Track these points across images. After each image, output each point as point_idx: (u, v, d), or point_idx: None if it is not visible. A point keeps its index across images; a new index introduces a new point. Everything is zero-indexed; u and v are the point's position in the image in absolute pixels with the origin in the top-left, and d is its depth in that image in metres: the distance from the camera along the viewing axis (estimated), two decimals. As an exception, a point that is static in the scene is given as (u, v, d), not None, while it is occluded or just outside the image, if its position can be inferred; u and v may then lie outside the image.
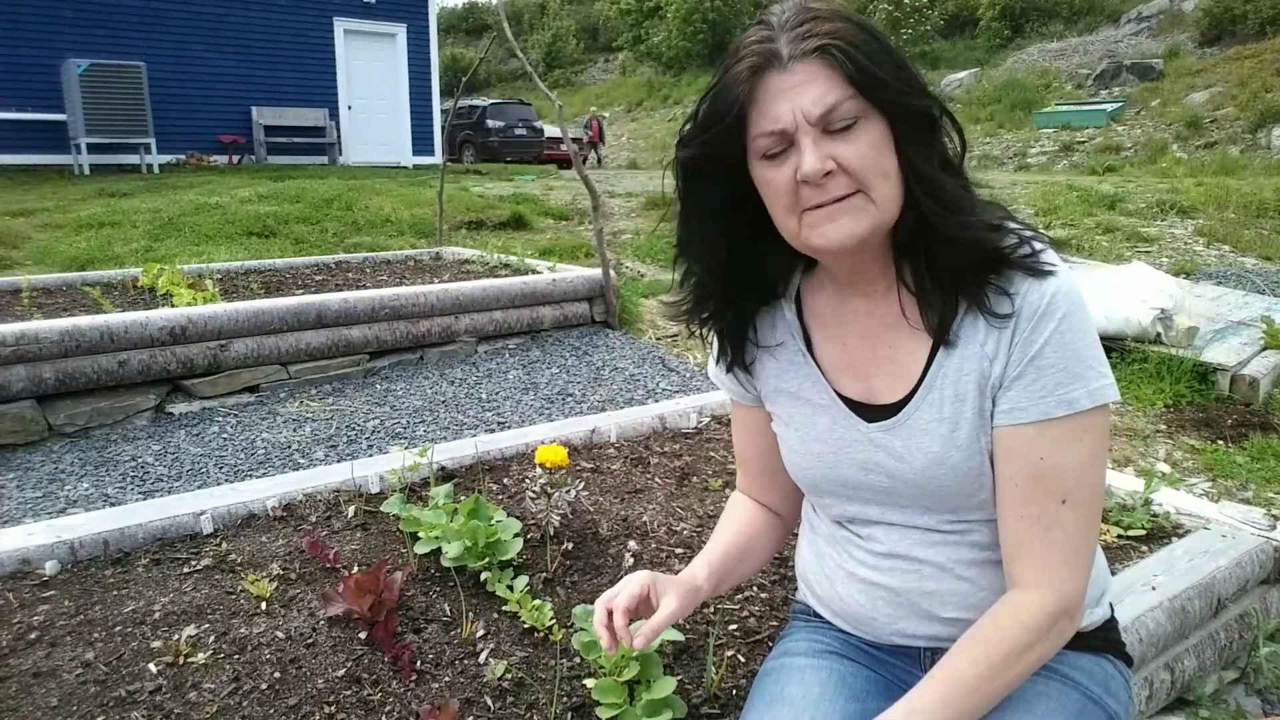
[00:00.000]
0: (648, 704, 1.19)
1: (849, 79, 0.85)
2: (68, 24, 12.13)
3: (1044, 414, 0.90)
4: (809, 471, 1.08)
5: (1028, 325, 0.90)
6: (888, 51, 0.88)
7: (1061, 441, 0.90)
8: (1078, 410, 0.89)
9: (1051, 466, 0.91)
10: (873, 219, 0.89)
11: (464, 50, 34.21)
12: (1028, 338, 0.90)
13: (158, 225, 7.53)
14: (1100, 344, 0.92)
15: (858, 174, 0.87)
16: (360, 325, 4.02)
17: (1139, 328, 3.95)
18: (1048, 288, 0.89)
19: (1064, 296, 0.89)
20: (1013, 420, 0.92)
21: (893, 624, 1.05)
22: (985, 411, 0.94)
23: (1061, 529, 0.91)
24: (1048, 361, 0.89)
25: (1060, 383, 0.89)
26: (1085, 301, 0.91)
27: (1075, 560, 0.92)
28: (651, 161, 20.33)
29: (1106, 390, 0.90)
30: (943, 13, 24.23)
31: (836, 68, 0.86)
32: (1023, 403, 0.91)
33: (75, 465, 3.02)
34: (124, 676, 1.34)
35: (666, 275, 6.91)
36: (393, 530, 1.85)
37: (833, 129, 0.87)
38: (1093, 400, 0.89)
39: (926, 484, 0.98)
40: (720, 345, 1.10)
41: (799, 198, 0.90)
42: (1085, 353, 0.90)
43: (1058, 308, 0.89)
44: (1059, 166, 14.25)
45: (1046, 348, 0.89)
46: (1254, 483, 2.97)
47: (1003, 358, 0.92)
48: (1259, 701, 1.76)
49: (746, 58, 0.89)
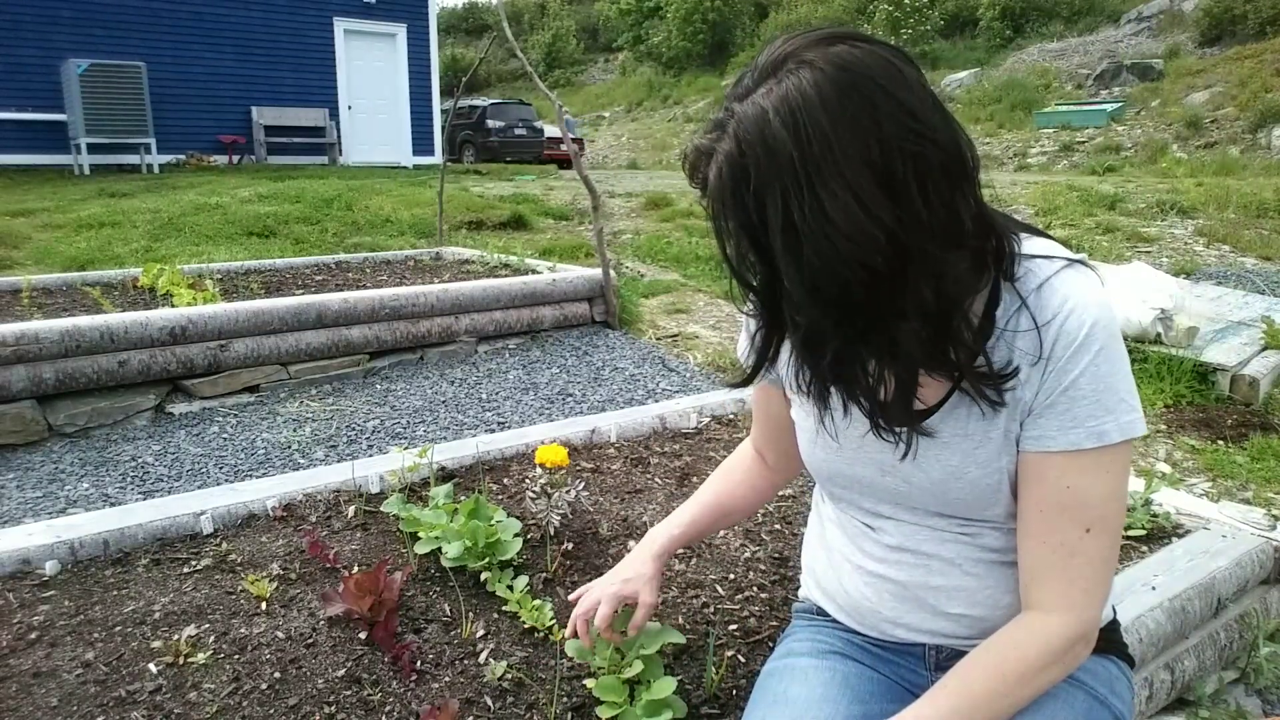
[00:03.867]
0: (648, 704, 1.19)
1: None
2: (68, 24, 12.14)
3: (1073, 444, 0.89)
4: (825, 465, 1.08)
5: (1063, 354, 0.88)
6: (775, 184, 0.76)
7: (1088, 472, 0.90)
8: (1107, 443, 0.89)
9: (1077, 495, 0.90)
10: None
11: (464, 50, 34.18)
12: (1062, 368, 0.88)
13: (158, 225, 7.54)
14: (1133, 377, 0.91)
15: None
16: (360, 325, 4.02)
17: (1139, 328, 3.95)
18: (1086, 318, 0.87)
19: (1102, 329, 0.88)
20: (1040, 448, 0.91)
21: (898, 618, 1.05)
22: (1011, 434, 0.93)
23: (1084, 557, 0.91)
24: (1081, 393, 0.88)
25: (1091, 415, 0.88)
26: (1120, 333, 0.89)
27: (1096, 588, 0.92)
28: (651, 162, 20.33)
29: (1136, 424, 0.89)
30: (943, 13, 24.21)
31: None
32: (1052, 431, 0.90)
33: (75, 465, 3.02)
34: (124, 676, 1.34)
35: (666, 275, 6.93)
36: (393, 530, 1.85)
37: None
38: (1122, 434, 0.88)
39: (942, 494, 0.98)
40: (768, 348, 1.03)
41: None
42: (1119, 386, 0.88)
43: (1095, 340, 0.87)
44: (1059, 166, 14.25)
45: (1081, 379, 0.88)
46: (1254, 483, 2.97)
47: (1034, 383, 0.90)
48: (1259, 701, 1.76)
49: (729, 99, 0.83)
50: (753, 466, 1.29)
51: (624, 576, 1.22)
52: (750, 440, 1.31)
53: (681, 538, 1.26)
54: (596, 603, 1.20)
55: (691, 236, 7.53)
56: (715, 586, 1.63)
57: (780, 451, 1.22)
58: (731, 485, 1.29)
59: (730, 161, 0.79)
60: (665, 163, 19.54)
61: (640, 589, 1.20)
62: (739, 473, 1.30)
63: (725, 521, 1.33)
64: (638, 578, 1.21)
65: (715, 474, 1.33)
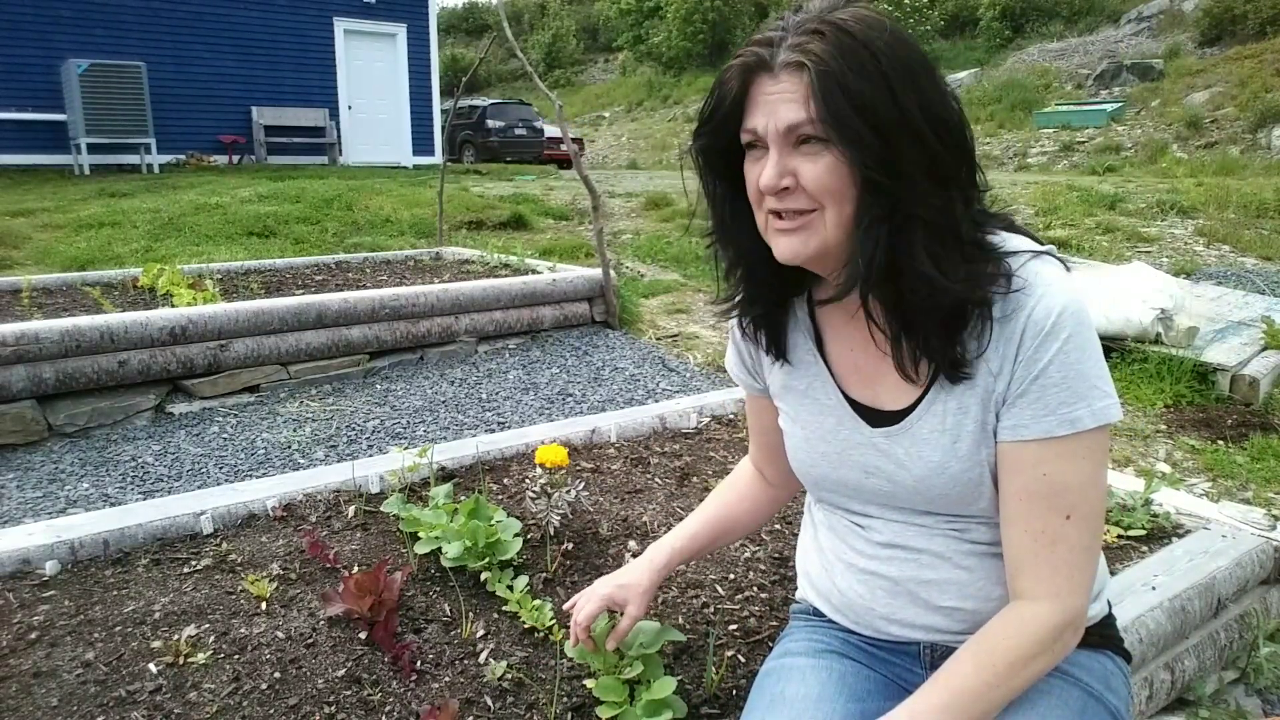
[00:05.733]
0: (648, 704, 1.19)
1: (814, 105, 0.85)
2: (68, 24, 12.13)
3: (1047, 432, 0.90)
4: (812, 470, 1.09)
5: (1032, 343, 0.89)
6: (879, 88, 0.84)
7: (1064, 458, 0.91)
8: (1081, 429, 0.89)
9: (1054, 483, 0.91)
10: (821, 240, 0.90)
11: (464, 50, 34.17)
12: (1032, 356, 0.89)
13: (158, 225, 7.54)
14: (1105, 363, 0.91)
15: (814, 194, 0.88)
16: (360, 325, 4.02)
17: (1139, 328, 3.95)
18: (1054, 306, 0.88)
19: (1070, 316, 0.88)
20: (1015, 436, 0.92)
21: (891, 614, 1.06)
22: (988, 425, 0.94)
23: (1066, 544, 0.92)
24: (1052, 380, 0.89)
25: (1064, 402, 0.89)
26: (1090, 319, 0.90)
27: (1080, 574, 0.93)
28: (651, 161, 20.33)
29: (1110, 410, 0.90)
30: (943, 13, 24.21)
31: (809, 90, 0.85)
32: (1026, 420, 0.91)
33: (75, 465, 3.02)
34: (124, 676, 1.34)
35: (666, 275, 6.93)
36: (393, 530, 1.85)
37: (800, 145, 0.88)
38: (1096, 420, 0.89)
39: (926, 491, 0.99)
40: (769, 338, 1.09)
41: (764, 199, 0.92)
42: (1090, 372, 0.89)
43: (1063, 327, 0.88)
44: (1059, 166, 14.25)
45: (1051, 367, 0.89)
46: (1254, 483, 2.97)
47: (1006, 374, 0.92)
48: (1259, 701, 1.76)
49: (742, 57, 0.89)
50: (753, 483, 1.30)
51: (619, 582, 1.22)
52: (750, 457, 1.31)
53: (684, 551, 1.26)
54: (588, 601, 1.22)
55: (691, 236, 7.52)
56: (715, 586, 1.63)
57: (779, 469, 1.22)
58: (733, 501, 1.30)
59: (860, 31, 0.85)
60: (665, 163, 19.54)
61: (630, 599, 1.20)
62: (740, 489, 1.30)
63: (726, 538, 1.33)
64: (632, 586, 1.21)
65: (717, 489, 1.33)
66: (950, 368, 0.93)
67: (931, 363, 0.94)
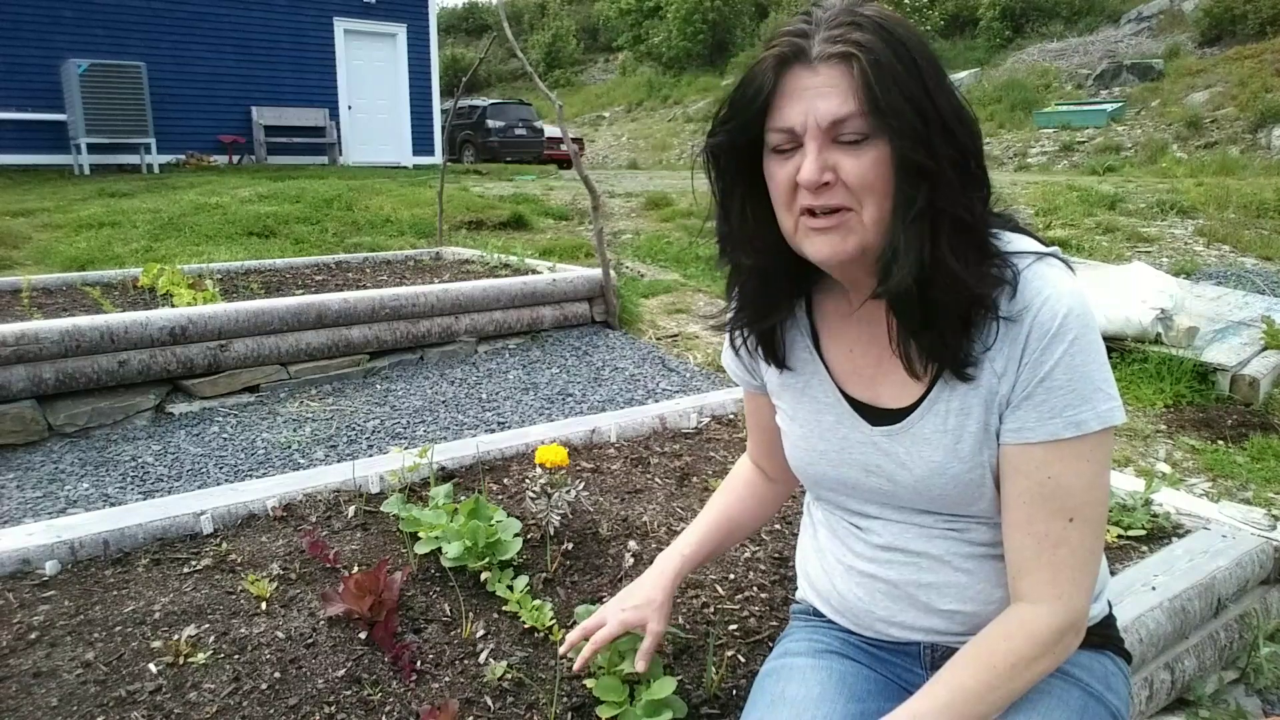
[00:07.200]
0: (648, 704, 1.19)
1: (865, 96, 0.83)
2: (68, 24, 12.13)
3: (1051, 435, 0.90)
4: (810, 468, 1.09)
5: (1038, 346, 0.89)
6: (919, 80, 0.84)
7: (1068, 461, 0.90)
8: (1085, 432, 0.89)
9: (1059, 486, 0.91)
10: (860, 239, 0.89)
11: (464, 50, 34.18)
12: (1037, 359, 0.89)
13: (158, 225, 7.53)
14: (1109, 366, 0.91)
15: (855, 190, 0.87)
16: (360, 325, 4.02)
17: (1139, 328, 3.95)
18: (1059, 309, 0.88)
19: (1075, 319, 0.88)
20: (1020, 439, 0.92)
21: (891, 617, 1.05)
22: (991, 427, 0.94)
23: (1069, 546, 0.92)
24: (1057, 384, 0.89)
25: (1069, 405, 0.89)
26: (1095, 322, 0.90)
27: (1082, 577, 0.93)
28: (651, 162, 20.33)
29: (1114, 413, 0.89)
30: (943, 13, 24.21)
31: (858, 80, 0.83)
32: (1030, 423, 0.91)
33: (75, 465, 3.02)
34: (124, 676, 1.34)
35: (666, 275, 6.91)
36: (393, 530, 1.85)
37: (841, 140, 0.86)
38: (1100, 423, 0.89)
39: (926, 490, 0.99)
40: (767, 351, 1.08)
41: (796, 198, 0.90)
42: (1095, 375, 0.89)
43: (1069, 330, 0.88)
44: (1059, 166, 14.25)
45: (1056, 370, 0.88)
46: (1254, 483, 2.97)
47: (1011, 376, 0.91)
48: (1259, 701, 1.76)
49: (777, 47, 0.87)
50: (754, 480, 1.29)
51: (634, 603, 1.20)
52: (748, 454, 1.31)
53: (693, 559, 1.24)
54: (603, 622, 1.19)
55: (691, 236, 7.54)
56: (715, 586, 1.63)
57: (779, 464, 1.21)
58: (736, 500, 1.29)
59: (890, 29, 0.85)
60: (665, 163, 19.54)
61: (649, 616, 1.18)
62: (741, 488, 1.30)
63: (733, 538, 1.32)
64: (647, 604, 1.19)
65: (718, 491, 1.32)
66: (959, 366, 0.92)
67: (936, 362, 0.94)
